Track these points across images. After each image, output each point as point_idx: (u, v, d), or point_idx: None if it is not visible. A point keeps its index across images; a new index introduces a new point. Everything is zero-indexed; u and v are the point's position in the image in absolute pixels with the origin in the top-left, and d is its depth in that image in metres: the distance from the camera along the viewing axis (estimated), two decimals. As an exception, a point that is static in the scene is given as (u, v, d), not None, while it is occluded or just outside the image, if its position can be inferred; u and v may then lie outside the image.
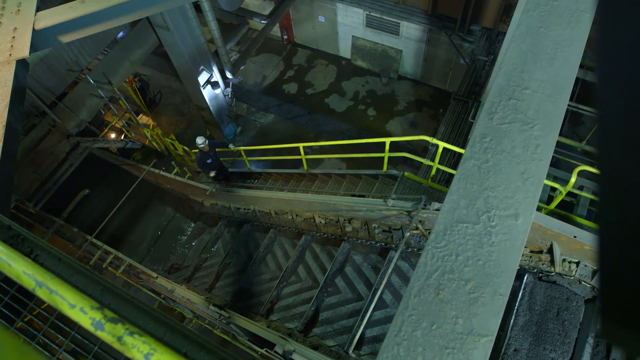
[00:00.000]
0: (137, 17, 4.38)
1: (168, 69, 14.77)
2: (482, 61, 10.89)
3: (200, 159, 8.93)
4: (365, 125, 13.37)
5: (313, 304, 6.17)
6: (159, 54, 14.22)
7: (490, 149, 2.18)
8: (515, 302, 4.80)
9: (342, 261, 6.49)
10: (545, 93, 2.37)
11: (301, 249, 7.12)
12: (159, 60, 15.27)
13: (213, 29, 10.10)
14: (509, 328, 4.67)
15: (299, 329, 6.06)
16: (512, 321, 4.70)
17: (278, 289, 6.91)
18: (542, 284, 5.02)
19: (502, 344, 4.63)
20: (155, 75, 15.45)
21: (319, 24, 14.47)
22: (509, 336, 4.64)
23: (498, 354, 4.60)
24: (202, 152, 8.86)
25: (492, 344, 1.74)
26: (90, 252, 9.15)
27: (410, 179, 6.69)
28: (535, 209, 2.08)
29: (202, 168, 9.13)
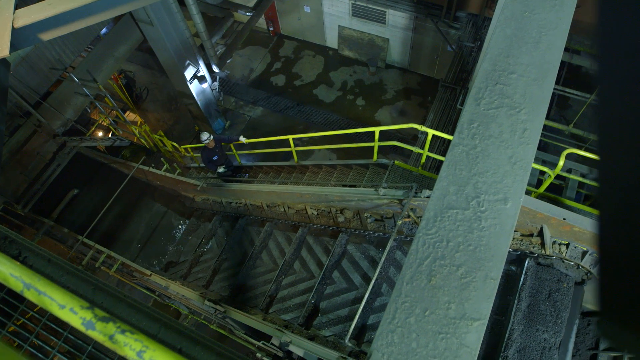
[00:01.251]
0: (119, 12, 4.31)
1: (154, 64, 14.60)
2: (469, 47, 10.90)
3: (206, 156, 8.38)
4: (354, 115, 13.35)
5: (313, 296, 6.17)
6: (144, 49, 14.05)
7: (478, 135, 2.19)
8: (517, 287, 4.83)
9: (340, 252, 6.49)
10: (531, 77, 2.38)
11: (298, 241, 7.10)
12: (144, 56, 15.09)
13: (197, 22, 9.98)
14: (511, 314, 4.71)
15: (300, 323, 6.07)
16: (514, 307, 4.73)
17: (276, 282, 6.91)
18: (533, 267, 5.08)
19: (504, 331, 4.67)
20: (140, 72, 15.27)
21: (305, 15, 14.36)
22: (512, 321, 4.68)
23: (501, 339, 4.64)
24: (207, 149, 8.32)
25: (484, 327, 1.76)
26: (82, 252, 9.08)
27: (400, 168, 6.71)
28: (524, 193, 2.09)
29: (209, 166, 8.60)
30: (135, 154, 11.46)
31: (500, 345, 4.64)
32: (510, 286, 5.18)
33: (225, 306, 6.42)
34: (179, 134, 13.76)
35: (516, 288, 4.87)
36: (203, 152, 8.39)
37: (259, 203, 7.65)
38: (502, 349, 4.58)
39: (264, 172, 9.55)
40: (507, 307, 5.07)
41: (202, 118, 12.53)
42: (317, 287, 6.22)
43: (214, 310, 6.55)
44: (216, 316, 6.87)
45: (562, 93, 10.12)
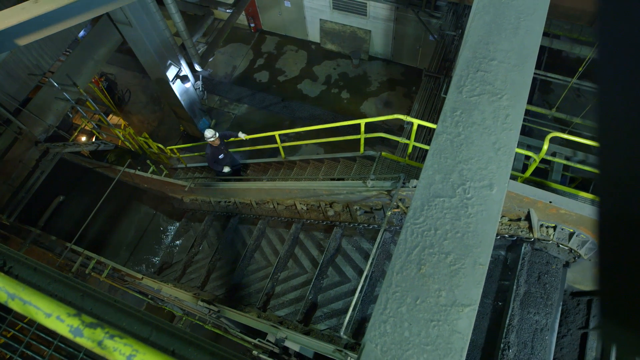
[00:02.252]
0: (96, 14, 4.24)
1: (134, 66, 14.39)
2: (451, 36, 10.94)
3: (212, 155, 7.95)
4: (339, 109, 13.34)
5: (310, 292, 6.18)
6: (124, 51, 13.85)
7: (462, 122, 2.20)
8: (515, 273, 4.88)
9: (335, 247, 6.49)
10: (511, 63, 2.40)
11: (292, 237, 7.08)
12: (125, 57, 14.87)
13: (177, 21, 9.86)
14: (511, 299, 4.75)
15: (299, 319, 6.08)
16: (513, 293, 4.78)
17: (272, 280, 6.90)
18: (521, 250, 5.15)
19: (504, 317, 4.72)
20: (122, 74, 15.06)
21: (286, 10, 14.27)
22: (512, 307, 4.73)
23: (502, 325, 4.69)
24: (212, 148, 7.89)
25: (475, 312, 1.78)
26: (72, 259, 8.97)
27: (388, 159, 6.73)
28: (509, 178, 2.11)
29: (214, 166, 8.21)
30: (121, 157, 11.33)
31: (501, 332, 4.69)
32: (503, 272, 5.24)
33: (219, 305, 6.40)
34: (164, 135, 13.63)
35: (513, 274, 4.92)
36: (208, 151, 7.97)
37: (248, 201, 7.63)
38: (504, 334, 4.63)
39: (251, 169, 9.52)
40: (501, 292, 5.14)
41: (186, 118, 12.42)
42: (314, 283, 6.23)
43: (208, 310, 6.54)
44: (210, 316, 6.85)
45: (544, 78, 10.23)
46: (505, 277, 5.20)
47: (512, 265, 5.22)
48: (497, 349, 4.63)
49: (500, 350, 4.57)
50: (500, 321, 4.96)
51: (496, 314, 5.04)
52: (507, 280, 5.18)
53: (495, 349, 4.68)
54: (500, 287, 5.19)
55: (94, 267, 8.52)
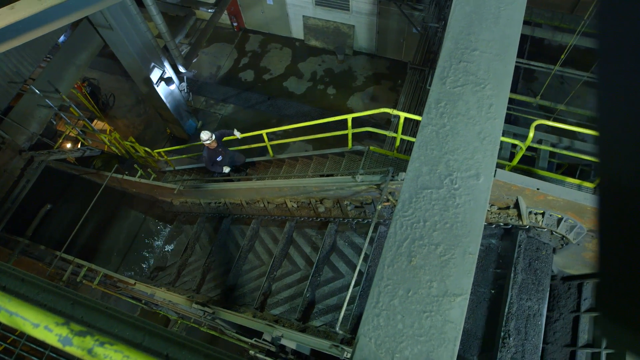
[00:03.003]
0: (75, 18, 4.17)
1: (117, 69, 14.23)
2: (434, 28, 10.97)
3: (209, 158, 7.79)
4: (326, 105, 13.33)
5: (308, 289, 6.18)
6: (106, 55, 13.67)
7: (446, 113, 2.21)
8: (512, 261, 4.91)
9: (330, 243, 6.48)
10: (493, 52, 2.41)
11: (287, 236, 7.06)
12: (107, 61, 14.69)
13: (159, 23, 9.76)
14: (509, 287, 4.79)
15: (297, 317, 6.07)
16: (511, 281, 4.81)
17: (269, 279, 6.87)
18: (512, 237, 5.20)
19: (503, 305, 4.75)
20: (105, 78, 14.88)
21: (268, 7, 14.20)
22: (510, 295, 4.76)
23: (501, 314, 4.73)
24: (208, 150, 7.73)
25: (467, 301, 1.79)
26: (62, 267, 8.87)
27: (376, 153, 6.74)
28: (496, 167, 2.13)
29: (213, 168, 8.05)
30: (108, 162, 11.21)
31: (500, 320, 4.73)
32: (495, 260, 5.29)
33: (214, 307, 6.38)
34: (151, 139, 13.50)
35: (509, 262, 4.96)
36: (204, 154, 7.79)
37: (238, 201, 7.60)
38: (504, 322, 4.67)
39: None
40: (494, 280, 5.18)
41: (172, 120, 12.32)
42: (311, 280, 6.23)
43: (203, 312, 6.51)
44: (205, 318, 6.83)
45: (527, 66, 10.32)
46: (497, 265, 5.25)
47: (504, 253, 5.27)
48: (497, 337, 4.67)
49: (500, 339, 4.61)
50: (494, 309, 5.01)
51: (491, 302, 5.09)
52: (499, 268, 5.23)
53: (495, 337, 4.71)
54: (494, 275, 5.24)
55: (86, 275, 8.44)
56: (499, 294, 5.05)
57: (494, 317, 4.98)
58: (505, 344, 4.61)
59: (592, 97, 0.73)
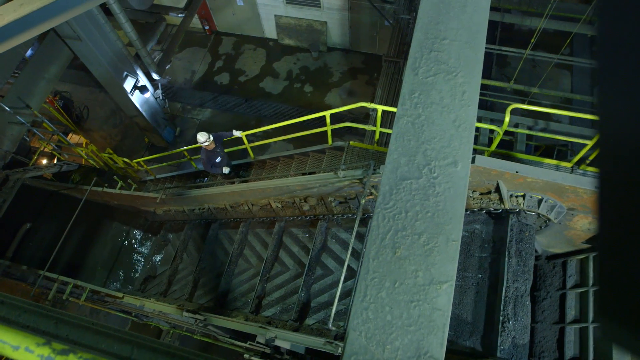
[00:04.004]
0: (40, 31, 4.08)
1: (90, 81, 13.97)
2: (406, 19, 11.04)
3: (207, 160, 7.59)
4: (304, 103, 13.32)
5: (302, 288, 6.17)
6: (77, 66, 13.37)
7: (421, 104, 2.23)
8: (505, 245, 4.97)
9: (322, 240, 6.47)
10: (463, 40, 2.44)
11: (277, 236, 7.03)
12: (78, 73, 14.40)
13: (128, 31, 9.60)
14: (504, 272, 4.84)
15: (294, 318, 6.06)
16: (506, 265, 4.86)
17: (262, 282, 6.84)
18: (495, 222, 5.28)
19: (500, 289, 4.80)
20: (77, 90, 14.59)
21: (239, 9, 14.10)
22: (506, 279, 4.81)
23: (498, 299, 4.77)
24: (207, 152, 7.54)
25: (453, 288, 1.81)
26: (47, 286, 8.69)
27: (357, 147, 6.76)
28: (476, 153, 2.15)
29: (213, 170, 7.85)
30: (86, 176, 10.99)
31: (498, 304, 4.78)
32: (477, 245, 5.36)
33: (205, 314, 6.33)
34: (129, 149, 13.31)
35: (503, 246, 5.02)
36: (203, 156, 7.62)
37: (222, 205, 7.54)
38: (502, 307, 4.73)
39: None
40: (481, 265, 5.25)
41: (150, 129, 12.15)
42: (305, 279, 6.22)
43: (194, 320, 6.45)
44: (197, 325, 6.77)
45: (499, 52, 10.46)
46: (483, 250, 5.33)
47: (488, 237, 5.35)
48: (496, 321, 4.70)
49: (500, 323, 4.65)
50: (483, 293, 5.08)
51: (478, 287, 5.15)
52: (485, 253, 5.30)
53: (494, 321, 4.75)
54: (480, 260, 5.31)
55: (72, 292, 8.29)
56: (487, 278, 5.13)
57: (483, 301, 5.05)
58: (505, 327, 4.66)
59: (594, 78, 0.72)
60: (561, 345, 5.11)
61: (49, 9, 3.74)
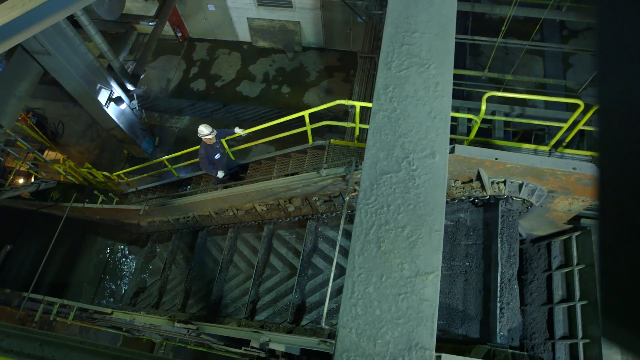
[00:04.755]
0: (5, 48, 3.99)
1: (63, 95, 13.67)
2: (378, 15, 11.10)
3: (206, 156, 7.18)
4: (282, 104, 13.28)
5: (296, 290, 6.15)
6: (48, 82, 13.11)
7: (395, 98, 2.24)
8: (496, 232, 5.02)
9: (312, 240, 6.46)
10: (433, 32, 2.46)
11: (267, 240, 7.00)
12: (50, 88, 14.09)
13: (99, 42, 9.44)
14: (498, 258, 4.89)
15: (290, 321, 6.04)
16: (499, 252, 4.91)
17: (255, 286, 6.81)
18: (479, 209, 5.35)
19: (494, 275, 4.85)
20: (50, 106, 14.29)
21: (211, 13, 13.99)
22: (501, 264, 4.86)
23: (495, 284, 4.82)
24: (207, 148, 7.11)
25: (439, 278, 1.83)
26: (32, 308, 8.50)
27: (338, 145, 6.77)
28: (456, 143, 2.18)
29: (208, 169, 7.42)
30: (66, 193, 10.78)
31: (493, 291, 4.84)
32: (463, 233, 5.42)
33: (197, 323, 6.27)
34: (108, 162, 13.09)
35: (494, 233, 5.07)
36: (202, 151, 7.22)
37: (207, 212, 7.48)
38: (498, 293, 4.78)
39: (205, 180, 9.32)
40: (468, 253, 5.31)
41: (128, 140, 11.98)
42: (298, 281, 6.21)
43: (187, 330, 6.39)
44: (190, 335, 6.71)
45: (472, 42, 10.59)
46: (469, 238, 5.39)
47: (472, 225, 5.41)
48: (492, 309, 4.75)
49: (499, 309, 4.70)
50: (472, 281, 5.14)
51: (467, 275, 5.21)
52: (471, 240, 5.37)
53: (489, 308, 4.80)
54: (466, 248, 5.37)
55: (59, 312, 8.13)
56: (475, 266, 5.19)
57: (473, 288, 5.11)
58: (503, 313, 4.71)
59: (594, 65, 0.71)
60: (551, 326, 5.21)
61: (13, 25, 3.66)
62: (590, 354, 4.78)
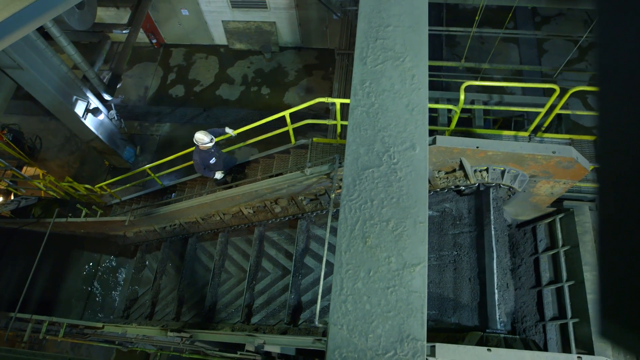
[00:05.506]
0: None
1: (38, 109, 13.40)
2: (353, 11, 11.12)
3: (202, 161, 7.09)
4: (263, 106, 13.23)
5: (291, 291, 6.14)
6: (22, 96, 12.85)
7: (373, 92, 2.24)
8: (489, 220, 5.06)
9: (304, 239, 6.45)
10: (406, 25, 2.47)
11: (258, 242, 6.96)
12: (25, 103, 13.80)
13: (72, 53, 9.27)
14: (492, 244, 4.92)
15: (287, 322, 6.02)
16: (493, 238, 4.94)
17: (249, 290, 6.77)
18: (464, 198, 5.40)
19: (490, 263, 4.88)
20: (26, 121, 13.99)
21: (185, 18, 13.85)
22: (496, 249, 4.88)
23: (489, 273, 4.85)
24: (201, 153, 7.02)
25: (426, 269, 1.84)
26: (21, 328, 8.33)
27: (320, 143, 6.77)
28: (433, 134, 2.19)
29: (206, 173, 7.35)
30: (48, 208, 10.58)
31: (489, 279, 4.88)
32: (450, 222, 5.47)
33: (190, 330, 6.22)
34: (90, 174, 12.89)
35: (488, 220, 5.12)
36: (196, 158, 7.12)
37: (193, 219, 7.41)
38: (496, 281, 4.82)
39: (189, 186, 9.24)
40: (456, 242, 5.36)
41: (109, 151, 11.80)
42: (293, 281, 6.20)
43: (180, 338, 6.33)
44: (184, 344, 6.65)
45: (447, 33, 10.68)
46: (456, 227, 5.44)
47: (458, 215, 5.46)
48: (490, 296, 4.78)
49: (498, 295, 4.72)
50: (461, 269, 5.19)
51: (456, 263, 5.26)
52: (457, 230, 5.42)
53: (487, 296, 4.83)
54: (454, 238, 5.42)
55: (48, 330, 7.98)
56: (464, 255, 5.24)
57: (463, 277, 5.16)
58: (503, 299, 4.75)
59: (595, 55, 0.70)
60: (540, 308, 5.29)
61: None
62: (580, 333, 4.87)
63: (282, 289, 6.61)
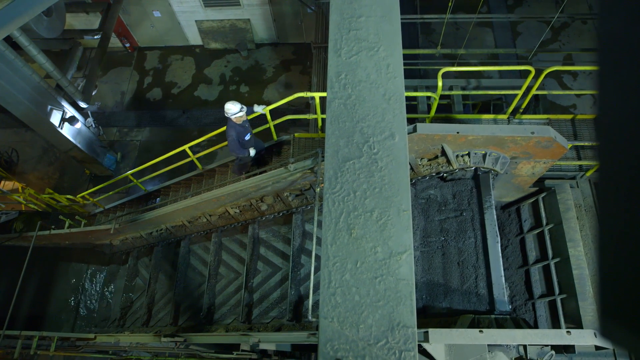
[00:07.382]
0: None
1: (12, 121, 13.10)
2: (327, 4, 11.07)
3: (236, 137, 6.25)
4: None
5: (291, 287, 6.13)
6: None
7: (349, 84, 2.24)
8: (481, 202, 5.10)
9: (300, 234, 6.43)
10: (378, 15, 2.46)
11: (253, 240, 6.92)
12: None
13: (43, 62, 9.05)
14: (486, 228, 4.96)
15: (289, 318, 6.01)
16: (487, 225, 4.99)
17: (248, 289, 6.74)
18: (448, 184, 5.45)
19: (490, 244, 4.93)
20: (0, 134, 13.68)
21: (157, 20, 13.64)
22: (497, 233, 4.93)
23: (493, 255, 4.90)
24: (236, 127, 6.22)
25: (412, 256, 1.85)
26: (10, 345, 8.17)
27: (302, 138, 6.76)
28: (413, 122, 2.20)
29: (240, 151, 6.43)
30: (29, 222, 10.37)
31: (495, 261, 4.93)
32: (435, 209, 5.51)
33: (184, 334, 6.18)
34: (71, 184, 12.66)
35: (489, 203, 5.16)
36: (232, 133, 6.29)
37: (180, 222, 7.35)
38: (500, 262, 4.87)
39: (173, 190, 9.15)
40: (442, 228, 5.41)
41: (88, 160, 11.60)
42: (292, 277, 6.19)
43: (175, 343, 6.29)
44: (179, 348, 6.61)
45: (422, 20, 10.71)
46: (441, 213, 5.49)
47: (442, 200, 5.51)
48: (496, 277, 4.84)
49: (503, 277, 4.77)
50: (449, 255, 5.25)
51: (444, 249, 5.32)
52: (443, 215, 5.47)
53: (493, 278, 4.89)
54: (440, 223, 5.47)
55: (39, 345, 7.84)
56: (451, 240, 5.29)
57: (451, 262, 5.22)
58: (504, 280, 4.79)
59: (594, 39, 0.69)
60: (529, 286, 5.39)
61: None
62: (568, 308, 4.98)
63: (280, 285, 6.61)
